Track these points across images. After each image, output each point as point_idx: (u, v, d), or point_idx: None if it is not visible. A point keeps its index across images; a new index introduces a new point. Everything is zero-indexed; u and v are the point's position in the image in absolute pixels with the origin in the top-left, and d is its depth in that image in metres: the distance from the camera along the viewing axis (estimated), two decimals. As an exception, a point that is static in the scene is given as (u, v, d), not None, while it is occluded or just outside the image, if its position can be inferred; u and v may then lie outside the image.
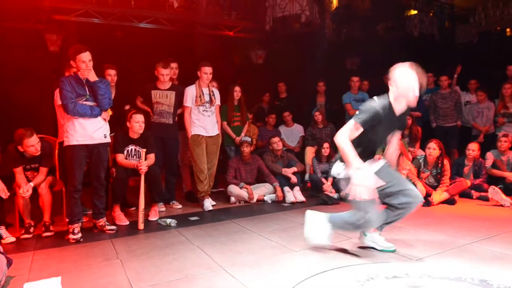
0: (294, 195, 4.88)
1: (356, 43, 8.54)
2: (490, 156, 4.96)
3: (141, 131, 4.10)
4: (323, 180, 5.16)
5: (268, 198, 4.94)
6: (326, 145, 5.29)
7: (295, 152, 6.16)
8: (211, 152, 4.72)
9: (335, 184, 5.08)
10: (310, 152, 5.73)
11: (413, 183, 4.59)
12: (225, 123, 5.34)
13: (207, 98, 4.63)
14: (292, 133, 6.43)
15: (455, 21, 10.04)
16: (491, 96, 6.00)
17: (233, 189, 4.91)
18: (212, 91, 4.69)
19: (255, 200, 4.90)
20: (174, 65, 4.90)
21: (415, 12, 9.31)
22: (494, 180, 4.79)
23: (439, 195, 4.48)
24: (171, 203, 4.78)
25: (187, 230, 3.72)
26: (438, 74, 6.41)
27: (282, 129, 6.44)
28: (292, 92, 7.16)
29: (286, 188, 4.93)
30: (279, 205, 4.80)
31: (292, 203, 4.78)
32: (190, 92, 4.57)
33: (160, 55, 4.96)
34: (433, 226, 3.66)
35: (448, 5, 9.96)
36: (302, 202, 4.81)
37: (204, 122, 4.63)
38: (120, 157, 4.07)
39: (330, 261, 2.77)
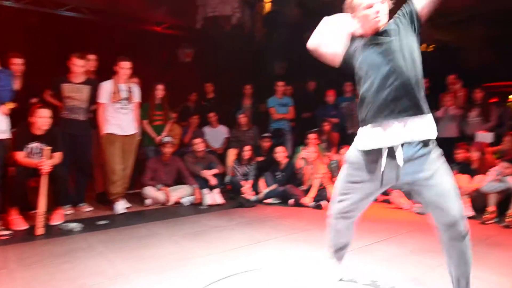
0: (213, 197, 4.85)
1: (285, 48, 8.75)
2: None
3: (45, 127, 3.80)
4: (243, 182, 5.21)
5: (185, 200, 4.86)
6: (247, 147, 5.35)
7: (218, 153, 6.16)
8: (126, 151, 4.52)
9: (255, 186, 5.18)
10: (232, 154, 5.76)
11: (325, 187, 4.83)
12: (145, 121, 5.16)
13: (124, 94, 4.43)
14: (217, 134, 6.41)
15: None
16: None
17: (148, 191, 4.76)
18: (131, 88, 4.50)
19: (172, 202, 4.79)
20: (92, 57, 4.62)
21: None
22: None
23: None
24: (79, 205, 4.50)
25: (93, 235, 3.51)
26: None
27: (207, 130, 6.39)
28: (220, 93, 7.15)
29: (205, 190, 4.89)
30: (196, 207, 4.76)
31: (210, 205, 4.76)
32: (105, 87, 4.34)
33: (79, 47, 4.65)
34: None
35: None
36: (220, 205, 4.80)
37: (119, 120, 4.42)
38: (20, 155, 3.73)
39: (237, 266, 2.78)
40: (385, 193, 4.98)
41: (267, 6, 9.46)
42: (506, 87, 11.38)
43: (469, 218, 4.21)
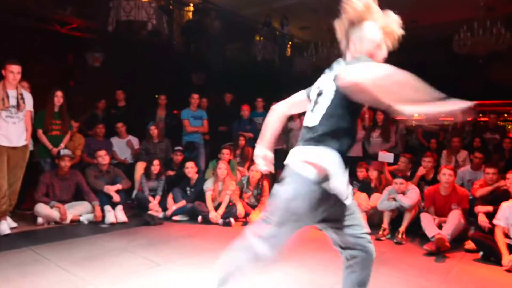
0: (116, 214, 4.53)
1: (204, 59, 8.68)
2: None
3: None
4: (150, 198, 4.96)
5: (84, 218, 4.47)
6: (156, 162, 5.11)
7: (126, 165, 5.81)
8: (14, 165, 4.02)
9: (163, 202, 4.96)
10: (140, 167, 5.45)
11: (234, 204, 4.80)
12: (40, 131, 4.67)
13: (13, 102, 3.96)
14: (125, 146, 6.05)
15: (294, 51, 11.21)
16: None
17: (41, 208, 4.29)
18: (21, 94, 4.03)
19: (68, 220, 4.38)
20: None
21: (260, 38, 10.00)
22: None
23: (256, 215, 4.75)
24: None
25: (-37, 263, 3.04)
26: (275, 99, 6.95)
27: (114, 140, 6.00)
28: (132, 102, 6.80)
29: (107, 207, 4.55)
30: (97, 226, 4.40)
31: (112, 223, 4.43)
32: None
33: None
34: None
35: (289, 36, 11.04)
36: (123, 223, 4.50)
37: (7, 130, 3.93)
38: None
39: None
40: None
41: (187, 15, 9.32)
42: None
43: (366, 234, 4.49)
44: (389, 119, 6.17)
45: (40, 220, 4.31)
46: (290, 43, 11.14)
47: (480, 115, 10.69)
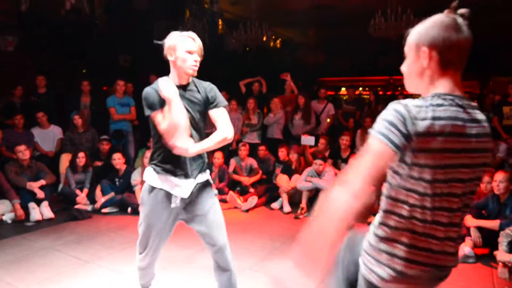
0: (41, 211, 4.48)
1: (130, 39, 8.39)
2: (232, 162, 5.83)
3: None
4: (77, 191, 4.94)
5: (7, 217, 4.37)
6: (81, 154, 5.05)
7: (50, 157, 5.65)
8: None
9: (91, 195, 4.96)
10: (65, 160, 5.34)
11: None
12: None
13: None
14: (48, 136, 5.83)
15: (225, 28, 11.18)
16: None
17: (-45, 211, 4.12)
18: None
19: (-12, 221, 4.26)
20: None
21: (189, 16, 9.84)
22: (235, 184, 5.67)
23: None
24: None
25: None
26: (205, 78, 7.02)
27: (36, 131, 5.75)
28: (55, 88, 6.48)
29: (31, 205, 4.47)
30: (22, 225, 4.31)
31: (38, 221, 4.38)
32: None
33: None
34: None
35: (219, 13, 10.97)
36: (49, 219, 4.46)
37: None
38: None
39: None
40: (223, 193, 5.37)
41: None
42: (337, 82, 13.50)
43: (287, 213, 4.94)
44: (309, 101, 6.59)
45: (-45, 223, 4.15)
46: (220, 21, 11.10)
47: (399, 88, 11.73)
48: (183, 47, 2.06)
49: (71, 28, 7.45)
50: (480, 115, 1.15)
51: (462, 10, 1.14)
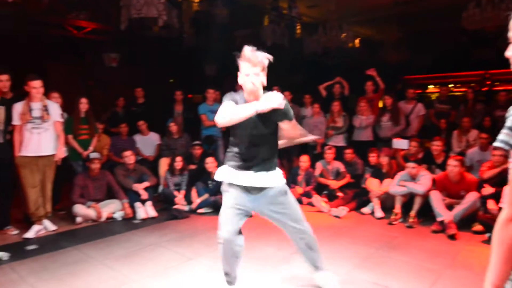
0: (146, 210, 4.92)
1: (214, 49, 8.84)
2: (318, 166, 5.81)
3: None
4: (176, 193, 5.31)
5: (118, 215, 4.87)
6: (178, 158, 5.43)
7: (150, 161, 6.16)
8: (43, 173, 4.33)
9: (188, 196, 5.31)
10: (164, 164, 5.81)
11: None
12: (70, 136, 5.03)
13: (36, 113, 4.24)
14: (148, 142, 6.39)
15: (303, 32, 11.22)
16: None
17: (78, 209, 4.70)
18: (45, 106, 4.31)
19: (104, 218, 4.78)
20: (4, 77, 4.34)
21: (269, 23, 10.05)
22: (322, 187, 5.65)
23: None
24: (5, 228, 4.34)
25: (22, 265, 3.45)
26: (288, 84, 7.12)
27: (137, 137, 6.34)
28: (151, 98, 7.08)
29: (137, 204, 4.93)
30: (130, 222, 4.78)
31: (143, 219, 4.81)
32: (17, 109, 4.19)
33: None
34: (264, 238, 4.04)
35: (297, 17, 11.04)
36: (153, 218, 4.88)
37: (31, 141, 4.23)
38: None
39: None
40: (311, 196, 5.38)
41: (194, 6, 9.40)
42: (424, 79, 12.72)
43: (379, 218, 4.78)
44: (397, 102, 6.31)
45: (78, 219, 4.72)
46: (298, 24, 11.16)
47: (497, 83, 10.67)
48: (242, 72, 2.32)
49: (163, 43, 8.07)
50: None
51: None
